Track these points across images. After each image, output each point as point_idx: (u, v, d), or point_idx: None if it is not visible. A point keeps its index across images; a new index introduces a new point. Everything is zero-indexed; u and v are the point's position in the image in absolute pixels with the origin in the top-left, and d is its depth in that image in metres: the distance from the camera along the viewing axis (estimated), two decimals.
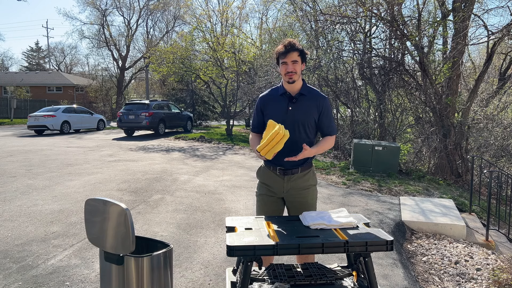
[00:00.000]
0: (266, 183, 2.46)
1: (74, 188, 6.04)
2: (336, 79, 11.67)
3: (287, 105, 2.37)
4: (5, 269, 3.19)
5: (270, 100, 2.45)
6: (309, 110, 2.37)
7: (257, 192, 2.52)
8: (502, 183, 6.20)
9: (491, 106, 10.37)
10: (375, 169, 8.02)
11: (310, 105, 2.37)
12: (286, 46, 2.29)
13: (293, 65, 2.29)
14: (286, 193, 2.41)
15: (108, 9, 32.90)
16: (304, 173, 2.40)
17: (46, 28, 53.77)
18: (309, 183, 2.43)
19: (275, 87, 2.50)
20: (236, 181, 6.81)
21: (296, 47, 2.29)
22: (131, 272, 1.81)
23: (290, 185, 2.39)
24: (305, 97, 2.38)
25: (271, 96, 2.46)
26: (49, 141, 13.03)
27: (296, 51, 2.28)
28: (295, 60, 2.29)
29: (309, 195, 2.43)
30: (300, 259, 2.45)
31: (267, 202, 2.45)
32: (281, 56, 2.30)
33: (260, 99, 2.50)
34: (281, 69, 2.34)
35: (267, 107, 2.44)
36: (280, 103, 2.39)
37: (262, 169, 2.50)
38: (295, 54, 2.28)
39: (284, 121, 2.31)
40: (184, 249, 3.72)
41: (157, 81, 32.99)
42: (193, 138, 14.31)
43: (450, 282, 3.41)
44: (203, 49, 17.44)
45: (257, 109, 2.50)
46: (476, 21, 9.38)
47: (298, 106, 2.36)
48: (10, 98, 27.50)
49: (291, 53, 2.27)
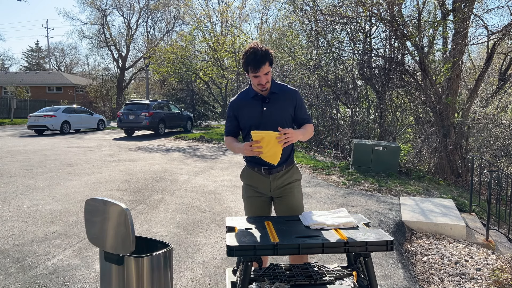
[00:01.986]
0: (251, 184, 2.43)
1: (74, 188, 6.04)
2: (336, 79, 11.68)
3: (261, 106, 2.30)
4: (5, 269, 3.19)
5: (242, 104, 2.36)
6: (284, 107, 2.32)
7: (244, 195, 2.47)
8: (502, 183, 6.21)
9: (491, 106, 10.38)
10: (375, 169, 8.02)
11: (285, 103, 2.32)
12: (257, 60, 2.11)
13: (265, 76, 2.17)
14: (273, 191, 2.39)
15: (108, 9, 32.98)
16: (288, 169, 2.40)
17: (46, 28, 53.81)
18: (293, 178, 2.42)
19: (244, 90, 2.43)
20: (236, 181, 6.81)
21: (267, 58, 2.13)
22: (131, 272, 1.81)
23: (276, 183, 2.37)
24: (277, 95, 2.31)
25: (242, 100, 2.37)
26: (49, 141, 13.03)
27: (267, 61, 2.13)
28: (267, 71, 2.16)
29: (294, 189, 2.42)
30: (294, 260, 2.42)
31: (256, 203, 2.42)
32: (252, 70, 2.15)
33: (232, 104, 2.40)
34: (252, 79, 2.22)
35: (241, 112, 2.36)
36: (253, 106, 2.31)
37: (246, 171, 2.45)
38: (266, 65, 2.14)
39: (260, 122, 2.27)
40: (184, 249, 3.72)
41: (157, 81, 33.04)
42: (193, 138, 14.31)
43: (450, 282, 3.41)
44: (203, 49, 17.48)
45: (230, 115, 2.41)
46: (476, 21, 9.39)
47: (272, 106, 2.30)
48: (10, 98, 27.50)
49: (262, 67, 2.13)
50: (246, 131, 2.38)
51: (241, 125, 2.39)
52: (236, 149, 2.32)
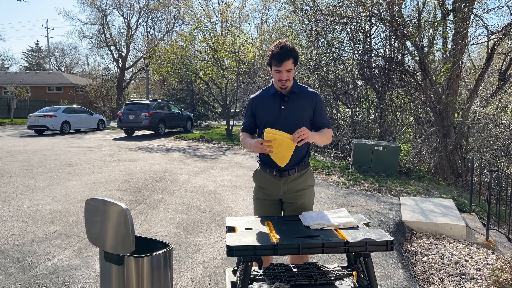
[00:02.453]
0: (262, 186, 2.41)
1: (74, 188, 6.04)
2: (336, 79, 11.67)
3: (279, 104, 2.29)
4: (5, 269, 3.19)
5: (261, 101, 2.38)
6: (303, 108, 2.30)
7: (254, 196, 2.47)
8: (502, 183, 6.21)
9: (491, 106, 10.37)
10: (375, 169, 8.02)
11: (303, 103, 2.30)
12: (282, 54, 2.14)
13: (287, 73, 2.19)
14: (283, 195, 2.35)
15: (108, 9, 32.98)
16: (301, 173, 2.34)
17: (46, 28, 53.82)
18: (306, 184, 2.36)
19: (265, 88, 2.44)
20: (236, 181, 6.81)
21: (292, 54, 2.16)
22: (131, 272, 1.81)
23: (287, 187, 2.32)
24: (297, 95, 2.31)
25: (262, 97, 2.40)
26: (49, 141, 13.03)
27: (291, 58, 2.16)
28: (290, 68, 2.18)
29: (306, 196, 2.37)
30: (294, 260, 2.41)
31: (265, 206, 2.40)
32: (275, 64, 2.17)
33: (251, 101, 2.43)
34: (274, 74, 2.24)
35: (259, 108, 2.38)
36: (272, 103, 2.32)
37: (258, 172, 2.44)
38: (290, 61, 2.17)
39: (277, 121, 2.27)
40: (184, 249, 3.72)
41: (157, 81, 33.02)
42: (193, 138, 14.31)
43: (450, 282, 3.41)
44: (203, 49, 17.45)
45: (248, 110, 2.44)
46: (476, 21, 9.38)
47: (290, 105, 2.29)
48: (10, 98, 27.50)
49: (286, 61, 2.16)
50: (261, 129, 2.36)
51: (258, 122, 2.39)
52: (248, 144, 2.32)
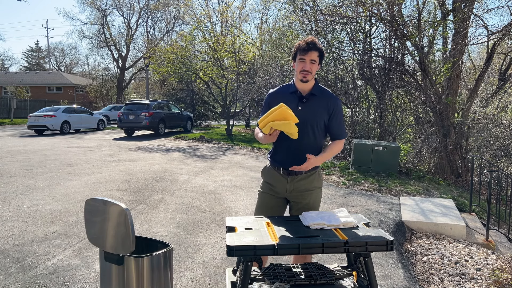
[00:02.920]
0: (269, 182, 2.41)
1: (74, 188, 6.04)
2: (336, 79, 11.66)
3: (296, 104, 2.28)
4: (5, 269, 3.19)
5: (279, 96, 2.35)
6: (319, 111, 2.29)
7: (260, 190, 2.47)
8: (502, 183, 6.21)
9: (491, 106, 10.37)
10: (375, 169, 8.02)
11: (321, 106, 2.29)
12: (308, 43, 2.20)
13: (310, 64, 2.22)
14: (289, 193, 2.35)
15: (108, 9, 33.03)
16: (309, 174, 2.34)
17: (46, 28, 53.77)
18: (313, 185, 2.36)
19: (286, 84, 2.43)
20: (236, 181, 6.81)
21: (317, 46, 2.21)
22: (131, 272, 1.81)
23: (293, 186, 2.33)
24: (316, 97, 2.30)
25: (281, 93, 2.38)
26: (49, 141, 13.03)
27: (317, 51, 2.21)
28: (314, 60, 2.22)
29: (312, 197, 2.37)
30: (297, 259, 2.41)
31: (268, 200, 2.41)
32: (301, 53, 2.21)
33: (269, 95, 2.42)
34: (297, 65, 2.25)
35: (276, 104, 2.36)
36: (289, 101, 2.28)
37: (267, 169, 2.45)
38: (315, 54, 2.21)
39: None
40: (184, 249, 3.72)
41: (157, 81, 33.00)
42: (193, 138, 14.31)
43: (450, 282, 3.41)
44: (203, 49, 17.44)
45: (265, 105, 2.43)
46: (476, 21, 9.38)
47: (308, 106, 2.28)
48: (10, 98, 27.50)
49: (312, 52, 2.20)
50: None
51: None
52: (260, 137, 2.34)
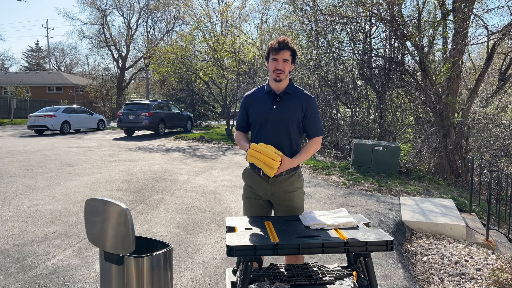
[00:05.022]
0: (250, 185, 2.42)
1: (74, 188, 6.04)
2: (336, 79, 11.67)
3: (271, 103, 2.32)
4: (5, 269, 3.19)
5: (254, 98, 2.40)
6: (293, 109, 2.31)
7: (243, 196, 2.47)
8: (502, 183, 6.20)
9: (491, 106, 10.38)
10: (375, 169, 8.02)
11: (295, 105, 2.31)
12: (280, 43, 2.23)
13: (283, 63, 2.25)
14: (271, 196, 2.35)
15: (108, 9, 32.97)
16: (289, 176, 2.34)
17: (46, 28, 53.82)
18: (294, 186, 2.36)
19: (260, 86, 2.46)
20: (236, 181, 6.81)
21: (289, 45, 2.24)
22: (131, 272, 1.81)
23: (274, 188, 2.32)
24: (290, 96, 2.32)
25: (256, 94, 2.42)
26: (49, 141, 13.03)
27: (288, 50, 2.24)
28: (286, 59, 2.25)
29: (294, 198, 2.36)
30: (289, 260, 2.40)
31: (253, 205, 2.41)
32: (273, 52, 2.25)
33: (245, 98, 2.45)
34: (270, 65, 2.28)
35: (252, 106, 2.39)
36: (264, 101, 2.34)
37: (247, 171, 2.45)
38: (287, 53, 2.24)
39: (267, 119, 2.30)
40: (184, 249, 3.72)
41: (157, 81, 33.01)
42: (193, 138, 14.31)
43: (450, 282, 3.41)
44: (203, 49, 17.44)
45: (242, 108, 2.46)
46: (476, 21, 9.38)
47: (282, 105, 2.31)
48: (10, 98, 27.50)
49: (283, 51, 2.23)
50: (254, 127, 2.39)
51: (250, 119, 2.41)
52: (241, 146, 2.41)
